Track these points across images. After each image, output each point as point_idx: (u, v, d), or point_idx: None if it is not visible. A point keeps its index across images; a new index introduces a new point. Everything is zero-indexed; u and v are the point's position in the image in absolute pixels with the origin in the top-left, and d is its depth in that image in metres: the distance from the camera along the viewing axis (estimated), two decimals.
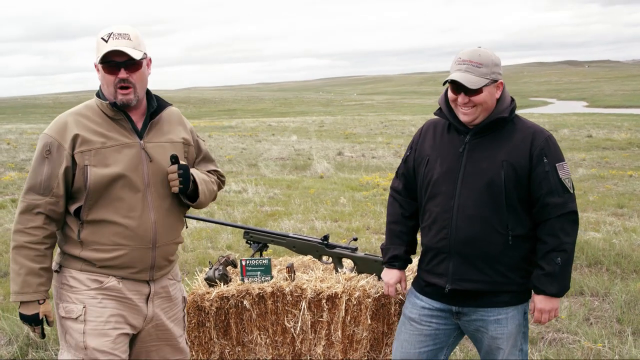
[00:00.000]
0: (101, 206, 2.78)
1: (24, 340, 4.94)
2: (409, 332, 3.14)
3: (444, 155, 3.00)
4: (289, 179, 14.89)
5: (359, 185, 13.37)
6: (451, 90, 2.94)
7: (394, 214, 3.23)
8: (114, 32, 2.77)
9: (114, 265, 2.84)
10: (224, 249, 7.87)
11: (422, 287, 3.13)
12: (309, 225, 9.20)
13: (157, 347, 3.03)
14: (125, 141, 2.84)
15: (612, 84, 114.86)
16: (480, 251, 2.89)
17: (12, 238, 2.80)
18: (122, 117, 2.86)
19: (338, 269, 3.81)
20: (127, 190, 2.81)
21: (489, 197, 2.87)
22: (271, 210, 10.53)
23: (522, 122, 2.97)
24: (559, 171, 2.86)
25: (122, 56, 2.76)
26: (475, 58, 2.86)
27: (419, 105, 79.10)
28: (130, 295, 2.89)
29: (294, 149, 22.83)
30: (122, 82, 2.79)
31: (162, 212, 2.91)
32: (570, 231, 2.86)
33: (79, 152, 2.76)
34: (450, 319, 3.07)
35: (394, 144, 24.61)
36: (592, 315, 5.56)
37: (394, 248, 3.22)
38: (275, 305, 3.63)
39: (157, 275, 2.97)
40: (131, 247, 2.84)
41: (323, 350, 3.63)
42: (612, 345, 4.77)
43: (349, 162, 18.71)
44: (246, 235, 3.95)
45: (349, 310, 3.57)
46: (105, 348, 2.80)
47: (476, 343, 3.13)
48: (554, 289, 2.87)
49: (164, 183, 2.92)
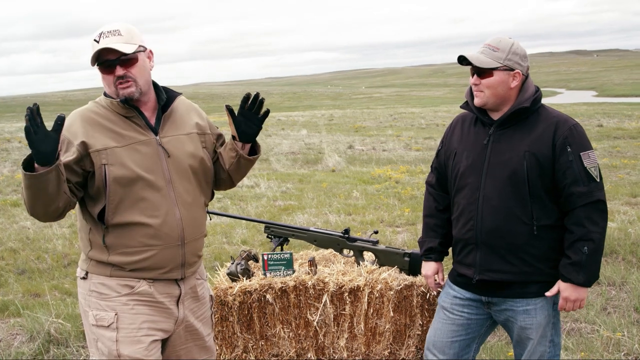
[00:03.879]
0: (125, 208, 2.71)
1: (45, 337, 4.99)
2: (442, 320, 3.18)
3: (470, 148, 3.03)
4: (300, 173, 14.91)
5: (371, 179, 13.38)
6: (470, 73, 2.98)
7: (429, 208, 3.28)
8: (103, 31, 2.69)
9: (144, 267, 2.77)
10: (239, 244, 7.92)
11: (454, 277, 3.18)
12: (323, 219, 9.23)
13: (186, 348, 3.00)
14: (141, 138, 2.78)
15: (621, 73, 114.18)
16: (505, 242, 2.91)
17: None
18: (134, 113, 2.78)
19: (359, 262, 3.83)
20: (149, 189, 2.74)
21: (512, 188, 2.89)
22: (284, 205, 10.56)
23: (547, 111, 2.98)
24: (583, 160, 2.85)
25: (114, 53, 2.68)
26: (495, 43, 2.91)
27: (428, 98, 78.93)
28: (161, 299, 2.83)
29: (304, 143, 22.83)
30: (121, 79, 2.71)
31: (186, 207, 2.85)
32: (598, 220, 2.85)
33: (95, 151, 2.68)
34: (481, 308, 3.10)
35: (404, 137, 24.57)
36: (609, 304, 5.56)
37: (429, 241, 3.27)
38: (297, 299, 3.66)
39: (189, 273, 2.91)
40: (160, 247, 2.77)
41: (346, 343, 3.66)
42: (631, 334, 4.77)
43: (359, 156, 18.70)
44: (267, 230, 3.98)
45: (372, 303, 3.60)
46: (139, 355, 2.73)
47: (508, 332, 3.17)
48: (581, 279, 2.86)
49: (186, 177, 2.86)
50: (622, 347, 4.62)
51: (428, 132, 26.57)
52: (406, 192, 11.16)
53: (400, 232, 8.41)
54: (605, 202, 2.90)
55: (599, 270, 2.96)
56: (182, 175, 2.84)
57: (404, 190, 11.35)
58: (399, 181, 12.73)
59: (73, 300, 5.88)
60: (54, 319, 5.14)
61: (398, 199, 10.71)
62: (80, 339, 5.04)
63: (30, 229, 8.94)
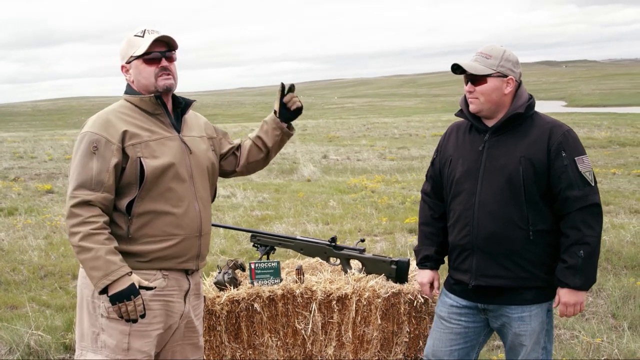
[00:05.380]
0: (153, 198, 2.84)
1: (24, 349, 4.93)
2: (440, 330, 3.20)
3: (465, 155, 3.07)
4: (276, 183, 14.90)
5: (347, 188, 13.41)
6: (464, 81, 3.03)
7: (424, 216, 3.31)
8: (147, 29, 2.90)
9: (165, 256, 2.88)
10: (217, 254, 7.88)
11: (451, 285, 3.20)
12: (301, 229, 9.23)
13: (182, 345, 3.07)
14: (167, 135, 2.94)
15: (589, 84, 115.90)
16: (502, 247, 2.95)
17: (73, 232, 2.71)
18: (161, 111, 2.95)
19: (346, 270, 3.85)
20: (176, 180, 2.89)
21: (508, 193, 2.93)
22: (262, 214, 10.54)
23: (541, 118, 3.04)
24: (578, 164, 2.91)
25: (162, 46, 2.90)
26: (487, 50, 2.97)
27: (400, 108, 79.38)
28: (172, 292, 2.93)
29: (278, 153, 22.81)
30: (164, 71, 2.90)
31: (203, 202, 3.01)
32: (593, 224, 2.90)
33: (130, 145, 2.81)
34: (478, 315, 3.13)
35: (378, 147, 24.69)
36: (587, 311, 5.64)
37: (425, 249, 3.29)
38: (285, 307, 3.67)
39: (201, 265, 3.06)
40: (182, 236, 2.90)
41: (334, 351, 3.67)
42: (610, 339, 4.85)
43: (334, 165, 18.76)
44: (253, 239, 3.98)
45: (359, 311, 3.62)
46: (146, 348, 2.86)
47: (502, 339, 3.20)
48: (578, 282, 2.89)
49: (204, 174, 3.03)
50: (603, 352, 4.69)
51: (402, 142, 26.73)
52: (383, 201, 11.21)
53: (378, 241, 8.45)
54: (600, 206, 2.94)
55: (596, 274, 3.00)
56: (201, 171, 3.02)
57: (381, 199, 11.40)
58: (375, 190, 12.78)
59: (52, 312, 5.82)
60: (33, 330, 5.07)
61: (375, 208, 10.75)
62: (60, 351, 4.98)
63: (5, 240, 8.81)
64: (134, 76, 2.92)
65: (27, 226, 9.64)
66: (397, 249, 7.75)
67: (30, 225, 9.71)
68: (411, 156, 21.08)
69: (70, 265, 7.40)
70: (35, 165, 19.22)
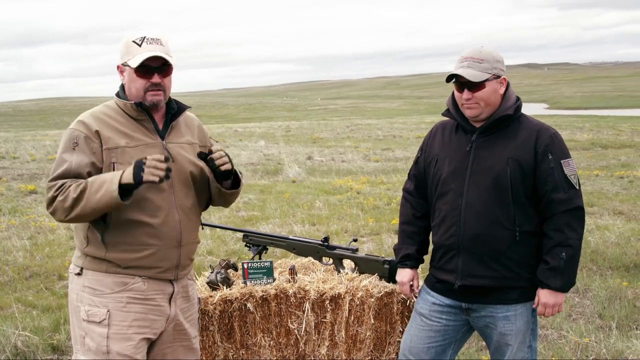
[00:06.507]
0: (128, 207, 2.76)
1: (12, 350, 4.89)
2: (418, 326, 3.20)
3: (452, 155, 3.08)
4: (261, 184, 14.88)
5: (333, 189, 13.43)
6: (456, 88, 3.02)
7: (406, 215, 3.31)
8: (147, 37, 2.83)
9: (141, 266, 2.85)
10: (204, 254, 7.86)
11: (433, 283, 3.20)
12: (287, 229, 9.23)
13: (173, 347, 3.04)
14: (148, 141, 2.88)
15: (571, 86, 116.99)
16: (488, 247, 2.97)
17: (61, 199, 2.70)
18: (145, 117, 2.90)
19: (339, 269, 3.85)
20: (153, 189, 2.82)
21: (495, 194, 2.94)
22: (248, 215, 10.53)
23: (528, 120, 3.06)
24: (564, 167, 2.93)
25: (157, 61, 2.83)
26: (476, 54, 2.96)
27: (383, 109, 79.52)
28: (154, 296, 2.90)
29: (263, 154, 22.79)
30: (155, 86, 2.84)
31: (185, 211, 2.95)
32: (576, 226, 2.94)
33: (106, 149, 2.79)
34: (459, 314, 3.14)
35: (362, 148, 24.75)
36: (573, 311, 5.70)
37: (405, 248, 3.29)
38: (278, 307, 3.67)
39: (181, 275, 3.00)
40: (159, 247, 2.86)
41: (327, 351, 3.67)
42: (598, 339, 4.90)
43: (319, 167, 18.77)
44: (245, 239, 3.97)
45: (352, 310, 3.62)
46: (127, 352, 2.81)
47: (485, 339, 3.20)
48: (558, 284, 2.93)
49: (187, 182, 2.97)
50: (591, 351, 4.74)
51: (386, 143, 26.80)
52: (368, 202, 11.24)
53: (365, 242, 8.47)
54: (583, 209, 2.98)
55: (576, 276, 3.04)
56: (183, 180, 2.95)
57: (366, 200, 11.43)
58: (360, 192, 12.81)
59: (39, 312, 5.77)
60: (20, 331, 5.03)
61: (361, 209, 10.78)
62: (48, 352, 4.95)
63: None
64: (126, 81, 2.90)
65: (11, 227, 9.56)
66: (384, 249, 7.77)
67: (14, 226, 9.63)
68: (395, 157, 21.16)
69: (55, 266, 7.36)
70: (17, 165, 19.03)
